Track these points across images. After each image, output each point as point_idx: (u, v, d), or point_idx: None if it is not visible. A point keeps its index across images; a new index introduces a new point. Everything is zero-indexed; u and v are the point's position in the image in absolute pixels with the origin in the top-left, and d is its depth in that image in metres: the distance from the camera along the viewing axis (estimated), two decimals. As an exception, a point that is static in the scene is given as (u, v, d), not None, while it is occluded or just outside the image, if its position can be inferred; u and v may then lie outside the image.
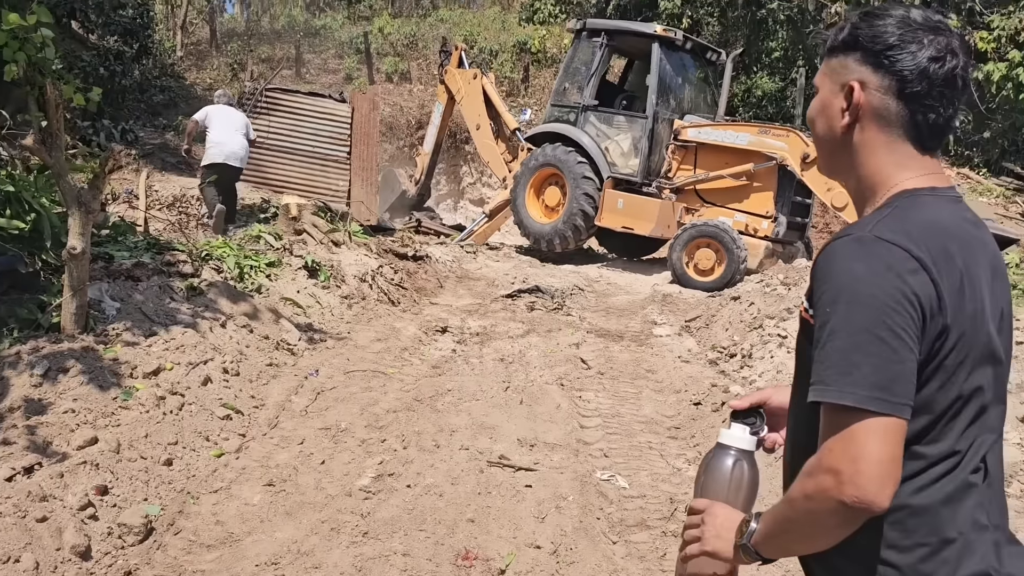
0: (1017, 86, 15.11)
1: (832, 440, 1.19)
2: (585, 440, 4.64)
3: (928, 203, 1.29)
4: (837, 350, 1.20)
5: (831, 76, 1.39)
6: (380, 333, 6.55)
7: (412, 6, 27.05)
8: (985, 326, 1.28)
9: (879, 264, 1.20)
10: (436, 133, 12.96)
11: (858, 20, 1.36)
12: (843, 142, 1.38)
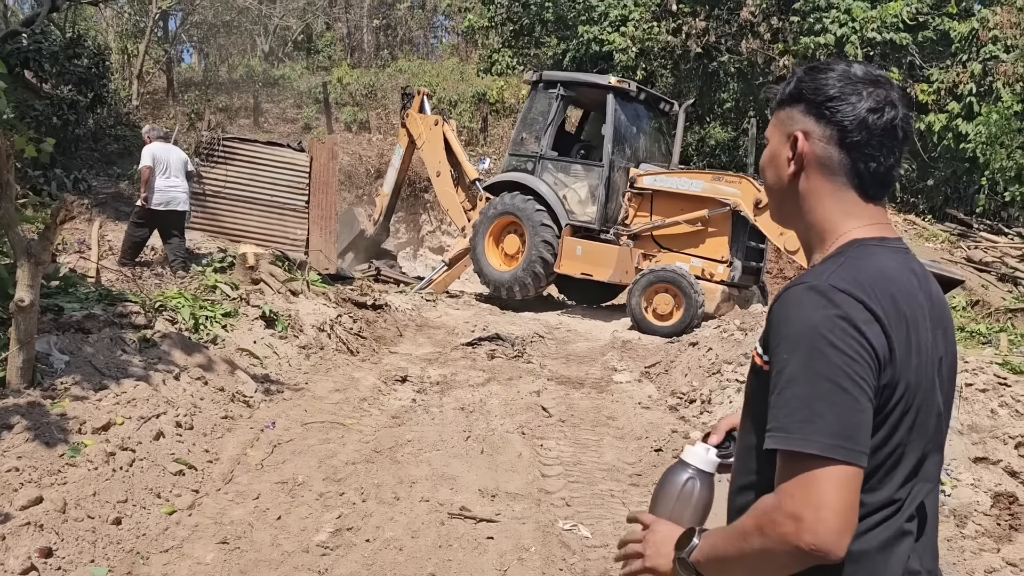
0: (957, 136, 15.73)
1: (792, 486, 1.19)
2: (547, 489, 4.59)
3: (877, 254, 1.32)
4: (798, 397, 1.21)
5: (779, 127, 1.44)
6: (339, 383, 6.46)
7: (371, 57, 27.32)
8: (928, 378, 1.30)
9: (836, 314, 1.22)
10: (396, 175, 13.02)
11: (803, 74, 1.41)
12: (791, 190, 1.42)
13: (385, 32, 28.83)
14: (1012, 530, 4.86)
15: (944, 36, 16.19)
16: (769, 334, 1.30)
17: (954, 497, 5.59)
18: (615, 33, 17.58)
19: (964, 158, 15.79)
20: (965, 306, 12.76)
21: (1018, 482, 6.19)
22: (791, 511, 1.18)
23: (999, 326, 11.88)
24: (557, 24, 19.16)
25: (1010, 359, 8.20)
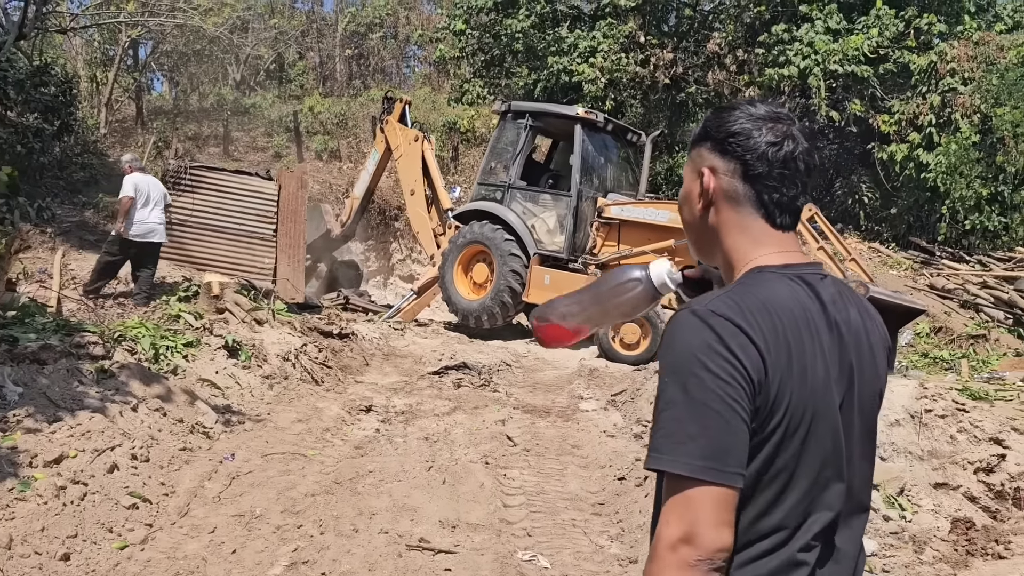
0: (918, 166, 16.05)
1: (668, 510, 1.23)
2: (508, 519, 4.57)
3: (770, 281, 1.35)
4: (673, 419, 1.24)
5: (691, 165, 1.49)
6: (302, 413, 6.40)
7: (343, 86, 27.39)
8: (823, 404, 1.30)
9: (712, 338, 1.25)
10: (369, 180, 12.98)
11: (710, 115, 1.48)
12: (703, 224, 1.46)
13: (357, 61, 28.94)
14: (969, 555, 4.90)
15: (904, 69, 16.56)
16: (658, 359, 1.34)
17: (914, 523, 5.64)
18: (584, 64, 17.79)
19: (926, 187, 16.11)
20: (928, 333, 12.95)
21: (977, 507, 6.26)
22: (669, 542, 1.21)
23: (961, 352, 12.07)
24: (527, 55, 19.36)
25: (970, 385, 8.32)
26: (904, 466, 6.60)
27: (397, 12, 27.97)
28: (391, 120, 12.56)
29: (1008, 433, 6.75)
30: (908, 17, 16.57)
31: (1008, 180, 15.64)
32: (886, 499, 5.85)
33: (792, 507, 1.28)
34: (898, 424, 6.86)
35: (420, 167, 12.14)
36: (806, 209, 10.27)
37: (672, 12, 20.09)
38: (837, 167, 18.70)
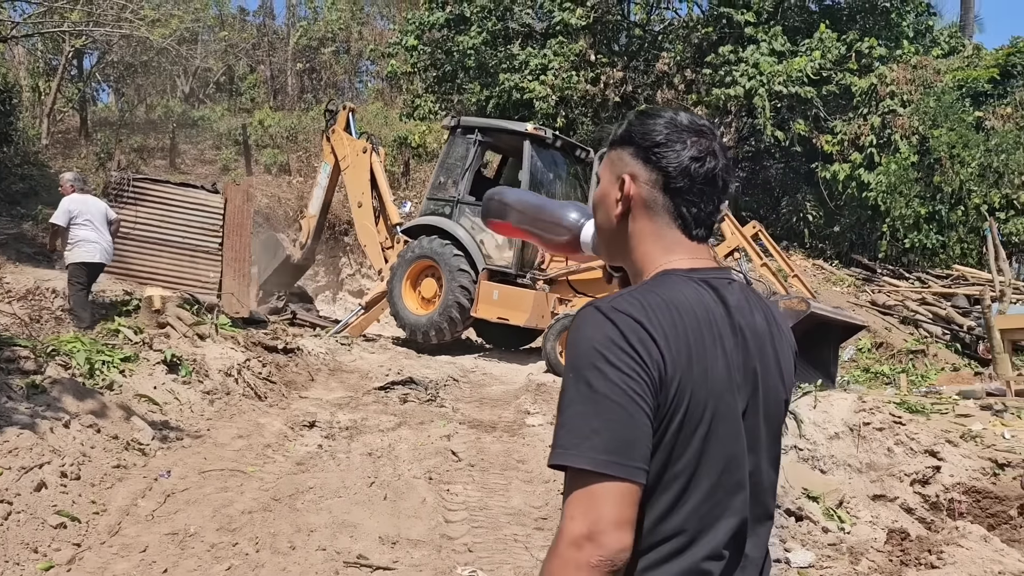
0: (859, 185, 16.48)
1: (571, 506, 1.22)
2: (449, 535, 4.53)
3: (676, 283, 1.35)
4: (576, 414, 1.23)
5: (609, 167, 1.48)
6: (243, 429, 6.28)
7: (294, 100, 27.18)
8: (725, 407, 1.30)
9: (615, 333, 1.25)
10: (323, 194, 12.79)
11: (634, 118, 1.46)
12: (619, 229, 1.46)
13: (309, 75, 28.76)
14: (903, 566, 5.00)
15: (846, 91, 17.03)
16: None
17: (852, 534, 5.74)
18: (535, 81, 17.94)
19: (867, 206, 16.54)
20: (870, 348, 13.25)
21: (913, 518, 6.41)
22: (572, 538, 1.20)
23: (901, 367, 12.37)
24: (479, 71, 19.45)
25: (908, 399, 8.53)
26: (843, 478, 6.72)
27: (350, 27, 27.90)
28: (337, 130, 12.45)
29: (943, 445, 6.94)
30: (850, 40, 17.07)
31: (945, 199, 16.14)
32: (825, 511, 5.94)
33: (693, 510, 1.28)
34: (838, 437, 7.00)
35: (368, 178, 12.05)
36: (750, 226, 10.47)
37: (622, 32, 20.40)
38: (783, 185, 19.11)
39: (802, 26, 17.88)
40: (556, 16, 18.58)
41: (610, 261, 1.55)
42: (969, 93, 16.58)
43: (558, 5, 18.68)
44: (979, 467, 6.80)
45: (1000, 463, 6.75)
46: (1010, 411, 8.12)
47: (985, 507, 6.51)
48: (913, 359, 12.82)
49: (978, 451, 7.01)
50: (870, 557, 5.11)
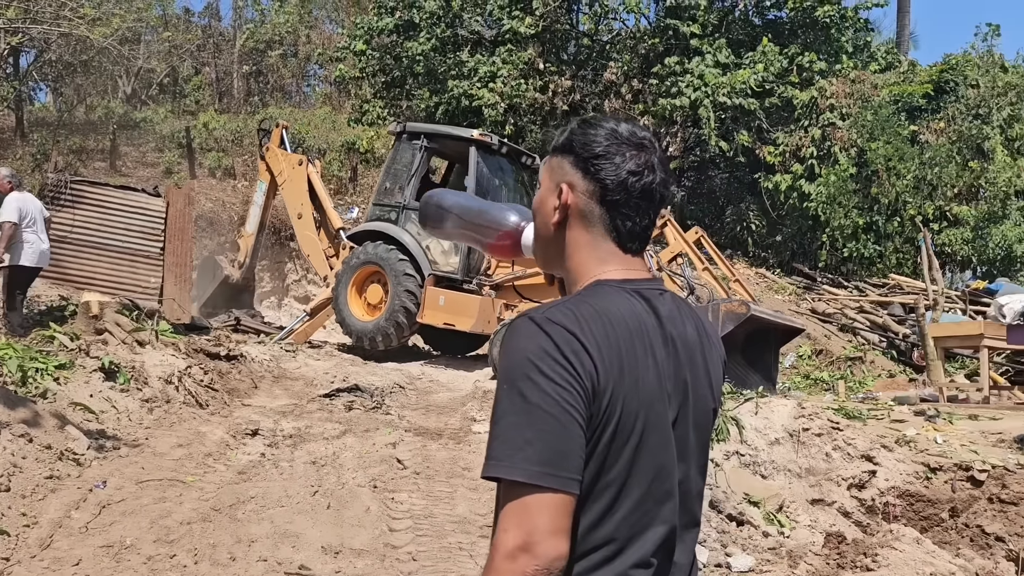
0: (801, 196, 16.88)
1: (506, 518, 1.21)
2: (393, 544, 4.50)
3: (608, 294, 1.36)
4: (510, 425, 1.23)
5: (550, 174, 1.48)
6: (183, 438, 6.15)
7: (240, 103, 26.76)
8: (656, 416, 1.32)
9: (548, 344, 1.25)
10: (260, 213, 12.63)
11: (576, 127, 1.47)
12: (555, 237, 1.46)
13: (256, 78, 28.36)
14: (840, 568, 5.12)
15: (788, 103, 17.45)
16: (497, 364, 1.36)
17: (792, 538, 5.86)
18: (484, 89, 17.98)
19: (808, 216, 16.95)
20: (810, 355, 13.57)
21: (850, 522, 6.57)
22: (506, 550, 1.19)
23: (839, 374, 12.69)
24: (428, 77, 19.42)
25: (846, 405, 8.76)
26: (784, 483, 6.86)
27: (298, 30, 27.59)
28: (271, 147, 12.33)
29: (879, 450, 7.13)
30: (791, 54, 17.49)
31: (882, 211, 16.64)
32: (766, 516, 6.06)
33: (623, 519, 1.29)
34: (778, 443, 7.14)
35: (306, 189, 11.94)
36: (693, 232, 10.64)
37: (571, 41, 20.57)
38: (727, 195, 19.48)
39: (746, 39, 18.27)
40: (505, 24, 18.66)
41: (545, 268, 1.55)
42: (904, 108, 17.13)
43: (507, 13, 18.77)
44: (912, 471, 7.01)
45: (932, 467, 6.96)
46: (942, 416, 8.39)
47: (918, 510, 6.70)
48: (851, 366, 13.17)
49: (912, 456, 7.22)
50: (808, 561, 5.22)
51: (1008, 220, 16.46)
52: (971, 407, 9.68)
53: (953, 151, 16.52)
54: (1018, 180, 16.50)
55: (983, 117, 16.84)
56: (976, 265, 17.30)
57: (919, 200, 16.39)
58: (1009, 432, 7.75)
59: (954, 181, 16.45)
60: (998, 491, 6.48)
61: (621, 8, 18.92)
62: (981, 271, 17.28)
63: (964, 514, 6.42)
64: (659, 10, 19.04)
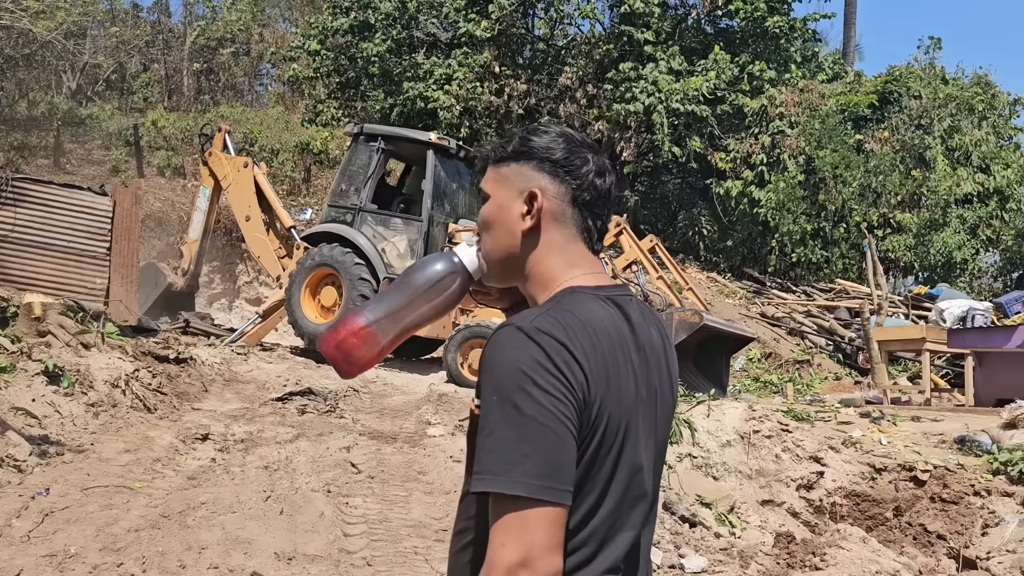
0: (751, 202, 17.18)
1: (503, 533, 1.20)
2: (348, 549, 4.46)
3: (587, 301, 1.37)
4: (507, 439, 1.22)
5: (506, 182, 1.46)
6: (130, 443, 6.00)
7: (191, 101, 26.27)
8: (631, 423, 1.34)
9: (540, 355, 1.25)
10: (203, 219, 12.40)
11: (527, 134, 1.47)
12: (523, 245, 1.44)
13: (207, 76, 27.85)
14: (789, 568, 5.22)
15: (739, 111, 17.76)
16: (479, 377, 1.31)
17: (743, 539, 5.95)
18: (440, 91, 17.96)
19: (758, 222, 17.27)
20: (759, 358, 13.82)
21: (799, 522, 6.69)
22: (506, 566, 1.18)
23: (788, 376, 12.94)
24: (383, 79, 19.32)
25: (794, 407, 8.93)
26: (735, 484, 6.96)
27: (250, 28, 27.18)
28: (214, 151, 12.13)
29: (826, 451, 7.29)
30: (742, 63, 17.81)
31: (829, 217, 17.02)
32: (717, 517, 6.15)
33: (598, 525, 1.30)
34: (730, 445, 7.25)
35: (252, 191, 11.76)
36: (647, 240, 10.76)
37: (527, 45, 20.67)
38: (679, 200, 19.73)
39: (698, 47, 18.55)
40: (461, 27, 18.66)
41: (503, 282, 1.51)
42: (851, 117, 17.56)
43: (463, 16, 18.78)
44: (858, 472, 7.18)
45: (877, 468, 7.15)
46: (887, 418, 8.62)
47: (864, 510, 6.86)
48: (799, 369, 13.45)
49: (858, 457, 7.40)
50: (759, 561, 5.31)
51: (948, 227, 16.98)
52: (913, 409, 9.96)
53: (896, 160, 16.99)
54: (958, 189, 17.04)
55: (925, 127, 17.36)
56: (918, 271, 17.81)
57: (864, 207, 16.82)
58: (949, 433, 7.99)
59: (897, 189, 16.92)
60: (939, 490, 6.67)
61: (576, 14, 19.09)
62: (923, 277, 17.79)
63: (907, 513, 6.59)
64: (614, 16, 19.22)
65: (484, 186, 1.50)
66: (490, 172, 1.49)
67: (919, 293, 15.65)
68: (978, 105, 18.08)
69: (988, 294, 17.59)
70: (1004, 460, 6.86)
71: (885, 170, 16.77)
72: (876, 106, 17.69)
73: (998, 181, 17.45)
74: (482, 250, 1.50)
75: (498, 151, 1.49)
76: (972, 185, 17.23)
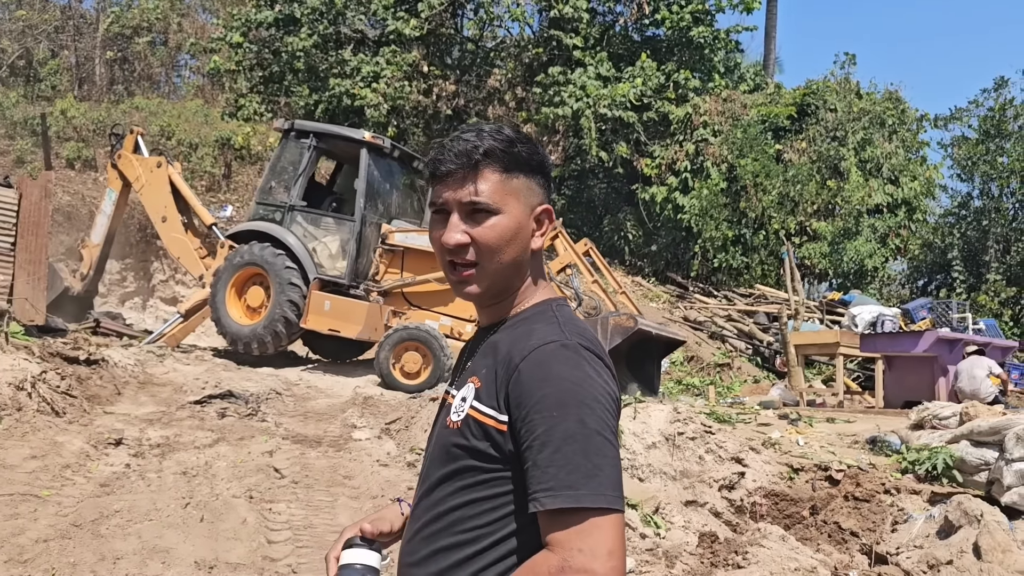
0: (675, 207, 17.51)
1: (578, 540, 1.21)
2: (272, 556, 4.33)
3: (572, 312, 1.43)
4: (578, 453, 1.23)
5: (518, 197, 1.40)
6: (37, 449, 5.70)
7: (103, 91, 25.25)
8: None
9: (592, 371, 1.29)
10: (107, 223, 11.92)
11: (530, 144, 1.42)
12: (524, 262, 1.43)
13: (121, 65, 26.82)
14: (713, 567, 5.31)
15: (664, 118, 18.09)
16: (519, 393, 1.28)
17: (667, 539, 6.03)
18: (367, 89, 17.72)
19: (681, 227, 17.62)
20: (682, 361, 14.08)
21: (721, 521, 6.82)
22: (581, 566, 1.20)
23: (709, 379, 13.22)
24: (308, 74, 18.96)
25: (716, 409, 9.13)
26: (660, 486, 7.05)
27: (168, 17, 26.30)
28: (124, 153, 11.71)
29: (747, 452, 7.46)
30: (668, 71, 18.15)
31: (749, 224, 17.49)
32: (643, 518, 6.21)
33: None
34: (655, 447, 7.34)
35: (168, 191, 11.38)
36: (581, 244, 10.82)
37: (456, 45, 20.60)
38: (605, 205, 19.97)
39: (625, 54, 18.83)
40: (390, 24, 18.47)
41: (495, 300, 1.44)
42: (771, 127, 18.09)
43: (392, 14, 18.58)
44: (777, 472, 7.37)
45: (795, 468, 7.35)
46: (803, 420, 8.88)
47: (782, 509, 7.05)
48: (720, 372, 13.76)
49: (777, 457, 7.60)
50: (684, 560, 5.39)
51: (860, 236, 17.66)
52: (828, 411, 10.31)
53: (813, 170, 17.58)
54: (869, 199, 17.74)
55: (840, 139, 18.01)
56: (832, 277, 18.46)
57: (783, 215, 17.34)
58: (862, 434, 8.30)
59: (814, 198, 17.50)
60: (853, 489, 6.90)
61: (506, 16, 19.10)
62: (836, 283, 18.46)
63: (823, 511, 6.79)
64: (543, 20, 19.34)
65: (490, 196, 1.37)
66: (497, 180, 1.38)
67: (833, 299, 16.24)
68: (889, 119, 18.87)
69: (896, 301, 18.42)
70: (912, 459, 7.14)
71: (803, 179, 17.33)
72: (795, 117, 18.27)
73: (906, 192, 18.24)
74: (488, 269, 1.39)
75: (511, 159, 1.38)
76: (883, 196, 17.97)
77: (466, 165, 1.36)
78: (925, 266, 21.18)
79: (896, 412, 9.72)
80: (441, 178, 1.38)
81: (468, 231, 1.37)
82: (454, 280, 1.42)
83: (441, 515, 1.37)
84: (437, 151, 1.40)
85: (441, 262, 1.43)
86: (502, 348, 1.35)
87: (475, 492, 1.32)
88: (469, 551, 1.33)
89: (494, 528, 1.31)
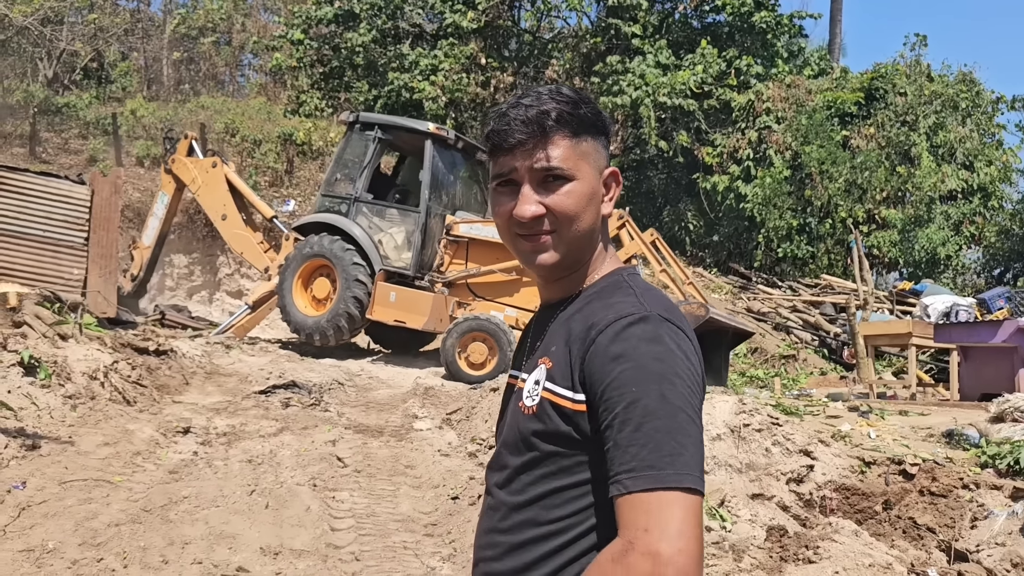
0: (737, 197, 17.16)
1: (642, 519, 1.13)
2: (335, 544, 4.35)
3: (645, 281, 1.36)
4: (661, 431, 1.16)
5: (588, 161, 1.34)
6: (109, 436, 5.85)
7: (170, 91, 25.91)
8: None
9: (673, 344, 1.21)
10: (159, 225, 12.22)
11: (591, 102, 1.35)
12: (599, 232, 1.37)
13: (187, 66, 27.50)
14: (782, 561, 5.16)
15: (726, 106, 17.72)
16: (596, 371, 1.21)
17: (733, 532, 5.89)
18: (425, 82, 17.79)
19: (744, 217, 17.25)
20: (746, 353, 13.79)
21: (789, 515, 6.64)
22: (645, 547, 1.11)
23: (774, 371, 12.92)
24: (368, 69, 19.12)
25: (782, 401, 8.90)
26: (724, 478, 6.90)
27: (232, 17, 26.85)
28: (178, 157, 11.95)
29: (815, 445, 7.24)
30: (729, 57, 17.77)
31: (815, 212, 17.04)
32: (708, 510, 6.08)
33: None
34: (720, 438, 7.18)
35: (225, 190, 11.60)
36: (648, 234, 10.66)
37: (513, 37, 20.53)
38: (665, 195, 19.68)
39: (685, 41, 18.50)
40: (447, 18, 18.50)
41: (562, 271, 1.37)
42: (837, 113, 17.57)
43: (449, 7, 18.61)
44: (848, 465, 7.14)
45: (867, 461, 7.11)
46: (874, 412, 8.60)
47: (853, 503, 6.82)
48: (785, 364, 13.43)
49: (847, 450, 7.36)
50: (752, 554, 5.25)
51: (932, 224, 17.05)
52: (899, 403, 9.96)
53: (882, 156, 17.02)
54: (942, 185, 17.10)
55: (910, 124, 17.40)
56: (903, 267, 17.86)
57: (850, 203, 16.84)
58: (937, 427, 7.98)
59: (883, 185, 16.95)
60: (928, 484, 6.64)
61: (563, 6, 18.96)
62: (907, 272, 17.85)
63: (897, 506, 6.55)
64: (601, 9, 19.13)
65: (563, 161, 1.31)
66: (568, 145, 1.31)
67: (903, 289, 15.69)
68: (962, 102, 18.16)
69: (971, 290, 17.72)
70: (992, 453, 6.83)
71: (871, 166, 16.79)
72: (862, 103, 17.71)
73: (981, 178, 17.54)
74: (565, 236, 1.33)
75: (578, 122, 1.31)
76: (956, 182, 17.31)
77: (536, 133, 1.29)
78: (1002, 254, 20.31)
79: (973, 405, 9.33)
80: (509, 149, 1.30)
81: (542, 200, 1.30)
82: (527, 249, 1.33)
83: (521, 506, 1.30)
84: (499, 121, 1.32)
85: (508, 236, 1.35)
86: (575, 325, 1.28)
87: (557, 480, 1.26)
88: (554, 544, 1.26)
89: (579, 519, 1.24)
